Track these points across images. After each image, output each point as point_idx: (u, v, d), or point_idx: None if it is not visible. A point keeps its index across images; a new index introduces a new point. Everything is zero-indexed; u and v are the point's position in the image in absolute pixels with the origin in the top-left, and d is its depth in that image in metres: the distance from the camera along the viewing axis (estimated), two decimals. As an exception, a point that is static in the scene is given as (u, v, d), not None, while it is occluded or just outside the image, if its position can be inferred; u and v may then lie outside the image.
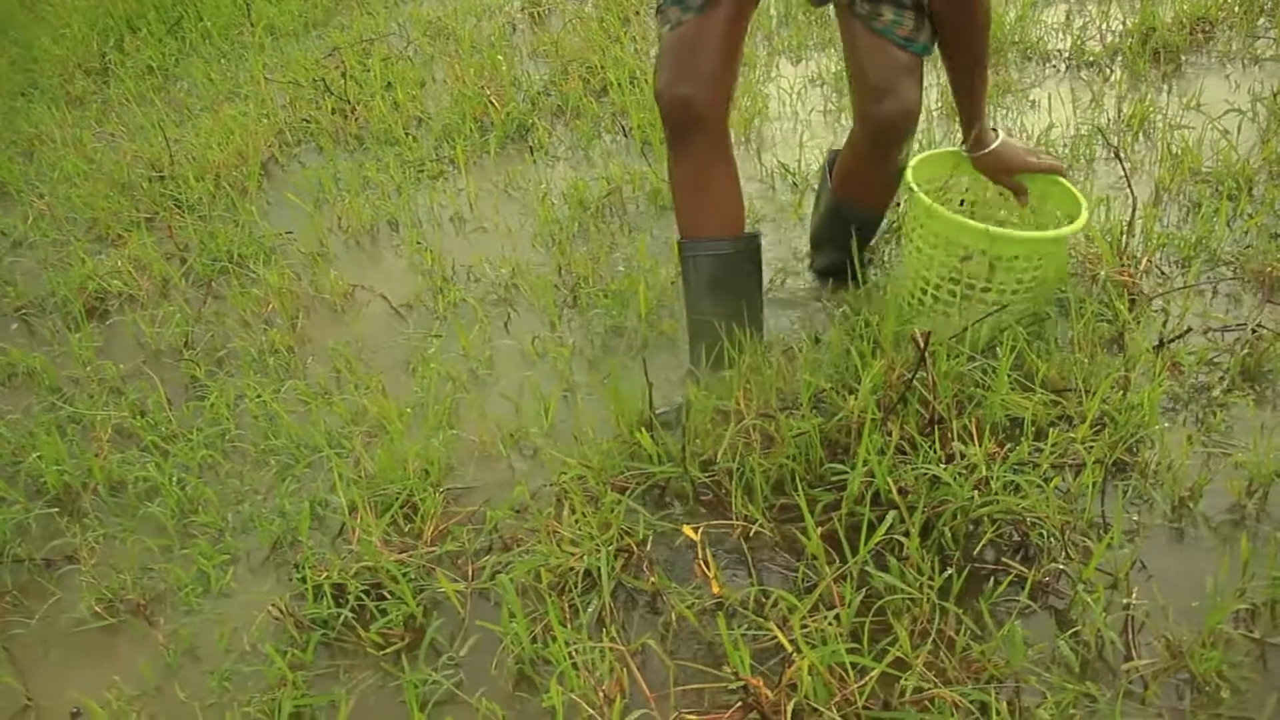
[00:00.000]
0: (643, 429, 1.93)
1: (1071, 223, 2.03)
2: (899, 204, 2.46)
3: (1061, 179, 2.11)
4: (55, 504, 2.21)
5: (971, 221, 1.97)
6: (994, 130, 2.13)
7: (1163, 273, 2.30)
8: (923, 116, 2.94)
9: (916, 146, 2.77)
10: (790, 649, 1.53)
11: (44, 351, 2.69)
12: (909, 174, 2.08)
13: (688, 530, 1.76)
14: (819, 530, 1.69)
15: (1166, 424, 1.90)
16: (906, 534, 1.66)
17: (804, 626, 1.56)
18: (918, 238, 2.06)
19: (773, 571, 1.75)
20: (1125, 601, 1.61)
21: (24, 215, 3.39)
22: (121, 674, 1.83)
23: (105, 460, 2.26)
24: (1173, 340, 2.03)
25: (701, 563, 1.71)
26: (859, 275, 2.23)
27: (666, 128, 1.99)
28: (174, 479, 2.16)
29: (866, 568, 1.64)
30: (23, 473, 2.28)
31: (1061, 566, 1.66)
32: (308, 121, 3.66)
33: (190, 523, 2.09)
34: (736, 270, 2.06)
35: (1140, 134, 2.83)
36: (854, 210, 2.23)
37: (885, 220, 2.38)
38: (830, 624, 1.55)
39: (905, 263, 2.16)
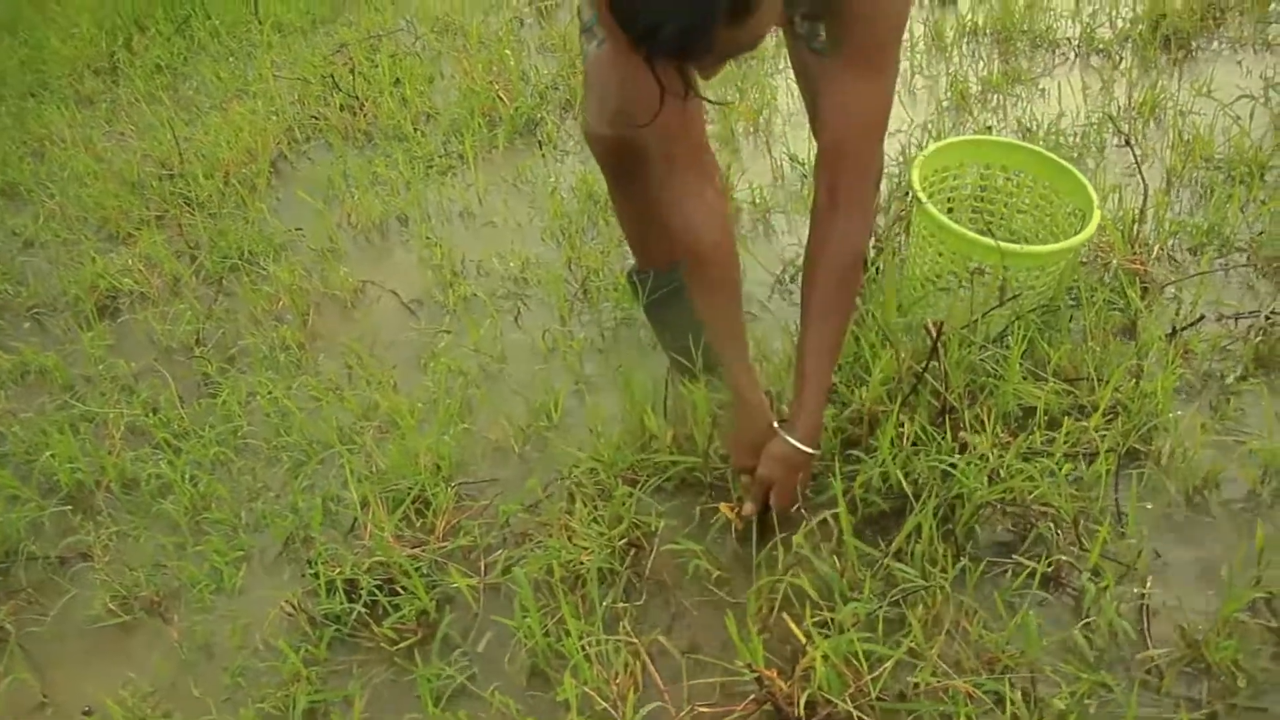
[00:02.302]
0: (651, 413, 1.94)
1: (1082, 215, 2.03)
2: (905, 207, 2.44)
3: (1073, 169, 2.09)
4: (69, 502, 2.22)
5: (983, 238, 1.93)
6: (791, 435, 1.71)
7: (1175, 260, 2.29)
8: (931, 106, 2.94)
9: (926, 140, 2.77)
10: (803, 639, 1.52)
11: (56, 350, 2.70)
12: (915, 177, 2.06)
13: (724, 509, 1.78)
14: (828, 517, 1.69)
15: (1180, 412, 1.89)
16: (919, 526, 1.65)
17: (816, 616, 1.56)
18: (928, 247, 2.05)
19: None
20: (1139, 591, 1.60)
21: (35, 215, 3.39)
22: (136, 670, 1.83)
23: (118, 458, 2.27)
24: (1185, 328, 2.02)
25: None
26: (865, 266, 2.22)
27: (603, 169, 1.86)
28: (186, 476, 2.17)
29: (884, 559, 1.64)
30: (36, 471, 2.29)
31: (1072, 558, 1.65)
32: (316, 118, 3.66)
33: (203, 520, 2.09)
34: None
35: (1151, 121, 2.82)
36: None
37: (888, 212, 2.37)
38: (845, 614, 1.55)
39: (912, 263, 2.15)
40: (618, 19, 1.21)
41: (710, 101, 1.58)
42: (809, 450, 1.68)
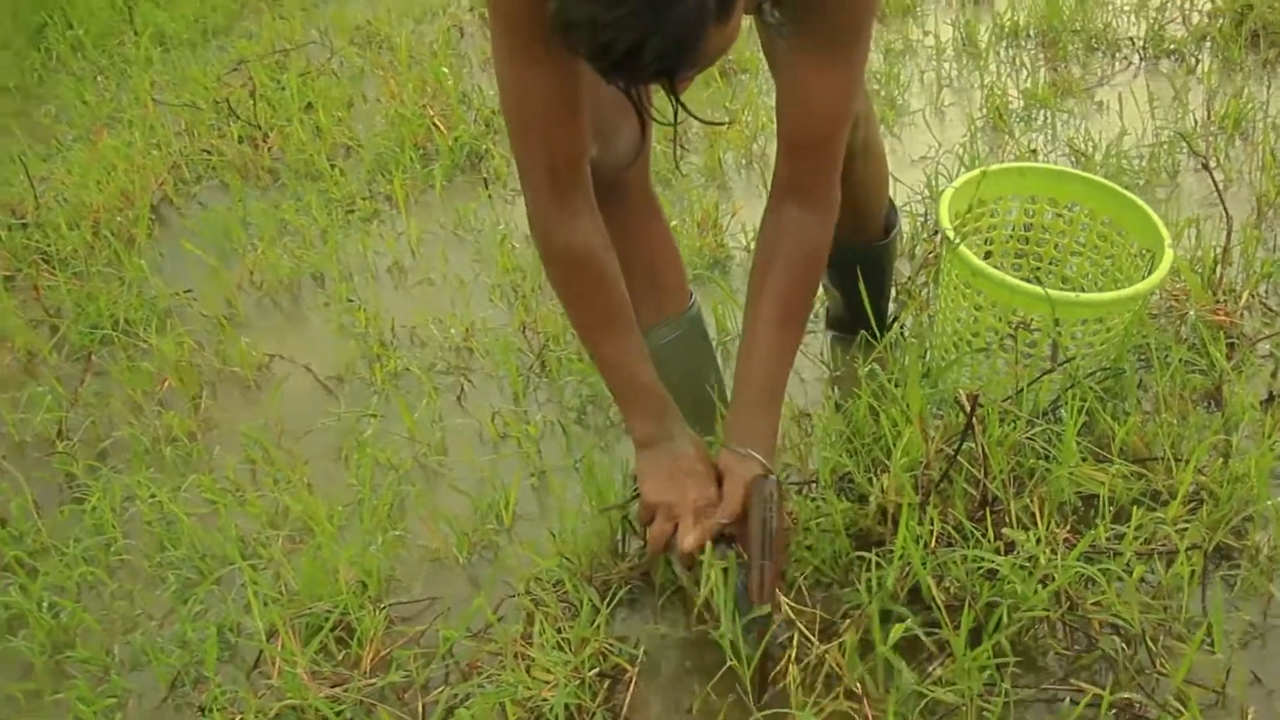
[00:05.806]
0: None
1: (1150, 257, 2.07)
2: (934, 249, 2.49)
3: (1138, 201, 2.15)
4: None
5: (1029, 285, 1.98)
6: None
7: (1270, 310, 2.33)
8: (962, 127, 3.01)
9: (958, 168, 2.83)
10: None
11: (-125, 447, 2.70)
12: (944, 212, 2.11)
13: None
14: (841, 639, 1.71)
15: (1280, 498, 1.93)
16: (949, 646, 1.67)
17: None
18: (962, 299, 2.11)
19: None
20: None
21: None
22: None
23: (-44, 584, 2.27)
24: (1285, 393, 2.06)
25: None
26: (876, 325, 2.22)
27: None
28: (44, 604, 2.16)
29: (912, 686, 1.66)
30: None
31: (1148, 683, 1.67)
32: (209, 153, 3.70)
33: (65, 659, 2.09)
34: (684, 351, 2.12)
35: (1236, 138, 2.88)
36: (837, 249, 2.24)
37: (912, 257, 2.41)
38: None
39: (942, 318, 2.20)
40: (584, 52, 1.28)
41: (704, 121, 1.74)
42: (748, 452, 1.72)
